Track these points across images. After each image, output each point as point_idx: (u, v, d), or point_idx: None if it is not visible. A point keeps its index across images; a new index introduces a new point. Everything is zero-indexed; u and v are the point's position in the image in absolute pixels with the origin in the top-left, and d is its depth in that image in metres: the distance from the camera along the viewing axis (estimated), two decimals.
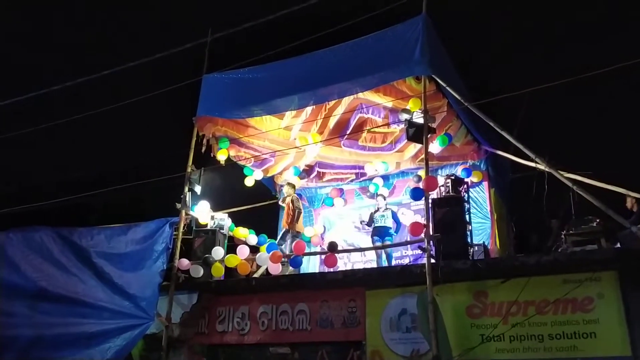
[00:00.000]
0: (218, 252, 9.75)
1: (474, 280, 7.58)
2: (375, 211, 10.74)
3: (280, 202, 11.57)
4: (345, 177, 12.35)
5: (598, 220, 7.71)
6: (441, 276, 7.38)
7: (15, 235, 9.01)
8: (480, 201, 11.01)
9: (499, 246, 10.57)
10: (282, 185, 12.62)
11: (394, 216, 10.71)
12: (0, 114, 11.58)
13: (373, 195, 11.47)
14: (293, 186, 11.27)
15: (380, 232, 10.57)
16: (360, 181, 12.29)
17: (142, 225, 9.33)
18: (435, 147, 10.01)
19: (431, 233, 7.84)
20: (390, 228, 10.57)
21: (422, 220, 8.37)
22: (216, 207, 10.60)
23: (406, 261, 10.99)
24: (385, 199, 10.85)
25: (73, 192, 10.55)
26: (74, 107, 11.74)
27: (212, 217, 10.32)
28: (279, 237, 10.72)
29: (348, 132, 10.55)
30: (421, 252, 7.96)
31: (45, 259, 8.89)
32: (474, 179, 10.95)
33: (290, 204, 10.89)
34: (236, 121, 10.53)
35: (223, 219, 10.46)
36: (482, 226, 10.69)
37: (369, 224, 10.87)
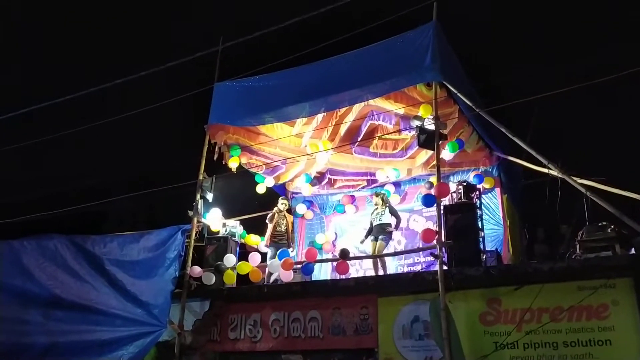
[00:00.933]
0: (230, 259, 9.72)
1: (487, 287, 7.51)
2: (372, 211, 10.39)
3: (274, 219, 10.82)
4: (356, 184, 12.20)
5: (612, 227, 7.56)
6: (454, 283, 7.34)
7: (29, 243, 8.95)
8: (492, 207, 10.87)
9: (512, 253, 10.41)
10: (294, 193, 12.58)
11: (392, 210, 10.21)
12: (11, 124, 11.73)
13: None
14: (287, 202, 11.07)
15: (374, 231, 10.11)
16: (371, 188, 12.07)
17: (155, 232, 9.29)
18: (446, 153, 9.92)
19: (443, 240, 7.79)
20: (389, 224, 10.11)
21: (434, 227, 8.33)
22: (228, 215, 10.61)
23: (418, 268, 10.84)
24: (379, 195, 10.30)
25: (86, 200, 10.55)
26: (84, 115, 11.87)
27: (224, 225, 10.33)
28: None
29: (359, 139, 10.49)
30: (433, 259, 7.88)
31: (59, 266, 8.82)
32: (486, 185, 10.81)
33: (290, 224, 10.78)
34: (247, 129, 10.50)
35: (235, 226, 10.50)
36: (494, 233, 10.55)
37: (367, 235, 10.34)
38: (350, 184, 12.24)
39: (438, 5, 8.81)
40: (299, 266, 9.43)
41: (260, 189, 11.46)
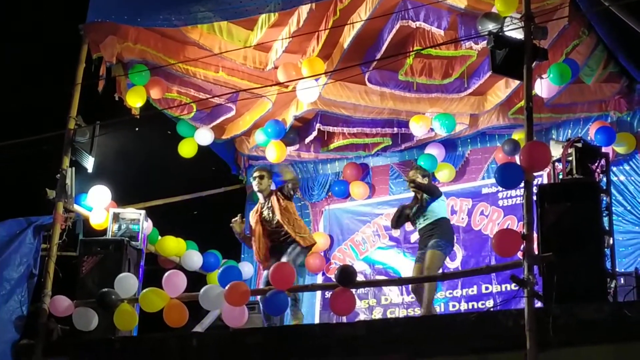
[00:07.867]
0: (126, 283, 7.64)
1: (618, 342, 5.81)
2: (408, 206, 7.82)
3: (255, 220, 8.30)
4: (372, 142, 9.85)
5: None
6: (554, 333, 5.72)
7: None
8: (629, 191, 8.74)
9: None
10: (252, 159, 10.11)
11: (433, 208, 7.60)
12: None
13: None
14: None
15: (419, 240, 7.90)
16: (400, 150, 9.71)
17: None
18: (546, 86, 7.88)
19: (536, 251, 6.30)
20: (442, 220, 7.98)
21: (520, 228, 7.39)
22: (123, 198, 8.57)
23: (488, 304, 8.61)
24: (416, 171, 7.97)
25: None
26: None
27: (117, 217, 8.35)
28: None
29: (379, 55, 8.16)
30: (516, 286, 6.23)
31: None
32: (619, 147, 8.65)
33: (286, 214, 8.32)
34: (163, 33, 8.17)
35: (137, 220, 8.40)
36: (634, 239, 8.56)
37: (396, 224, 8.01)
38: (359, 143, 9.90)
39: None
40: (258, 298, 7.60)
41: (187, 148, 9.29)
